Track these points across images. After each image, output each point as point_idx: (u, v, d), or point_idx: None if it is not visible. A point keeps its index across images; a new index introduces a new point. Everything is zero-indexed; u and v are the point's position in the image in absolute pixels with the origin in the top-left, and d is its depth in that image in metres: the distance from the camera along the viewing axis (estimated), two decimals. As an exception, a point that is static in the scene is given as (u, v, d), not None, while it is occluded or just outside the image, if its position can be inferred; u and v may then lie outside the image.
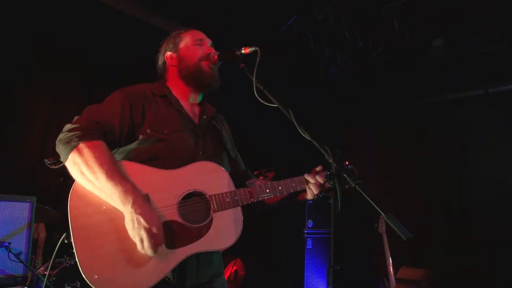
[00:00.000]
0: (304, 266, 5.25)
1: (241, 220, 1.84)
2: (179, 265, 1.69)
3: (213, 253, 1.86)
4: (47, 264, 3.55)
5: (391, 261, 4.59)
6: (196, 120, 2.00)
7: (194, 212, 1.75)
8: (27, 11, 4.21)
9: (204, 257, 1.80)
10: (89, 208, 1.65)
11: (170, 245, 1.67)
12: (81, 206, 1.64)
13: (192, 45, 2.04)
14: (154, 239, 1.59)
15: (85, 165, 1.63)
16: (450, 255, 5.41)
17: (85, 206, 1.65)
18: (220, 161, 1.98)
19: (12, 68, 4.17)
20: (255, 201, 1.88)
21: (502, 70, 5.35)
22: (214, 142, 2.02)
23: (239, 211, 1.85)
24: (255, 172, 2.23)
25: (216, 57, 1.99)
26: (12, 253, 2.83)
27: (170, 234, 1.68)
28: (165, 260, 1.66)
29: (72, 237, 1.60)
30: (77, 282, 3.37)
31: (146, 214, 1.60)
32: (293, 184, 1.93)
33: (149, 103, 1.88)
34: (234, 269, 5.35)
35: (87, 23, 4.53)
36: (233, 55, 1.90)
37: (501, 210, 5.29)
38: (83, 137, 1.67)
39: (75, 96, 4.66)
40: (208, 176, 1.82)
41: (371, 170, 6.37)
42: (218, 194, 1.80)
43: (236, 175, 1.97)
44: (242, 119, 4.29)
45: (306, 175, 1.94)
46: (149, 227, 1.58)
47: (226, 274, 5.19)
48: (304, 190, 1.95)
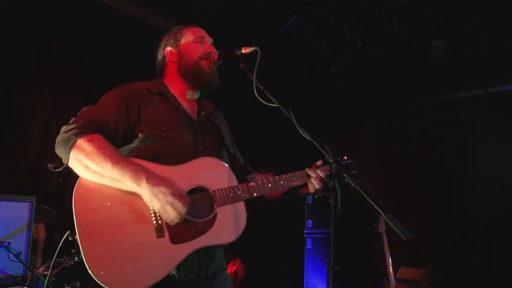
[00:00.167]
0: (304, 266, 5.25)
1: (244, 214, 1.86)
2: (182, 260, 1.69)
3: (216, 248, 1.87)
4: (47, 264, 3.55)
5: (391, 261, 4.59)
6: (195, 116, 2.00)
7: (198, 207, 1.75)
8: (27, 11, 4.22)
9: (207, 252, 1.80)
10: (95, 203, 1.64)
11: (175, 240, 1.68)
12: (86, 201, 1.64)
13: (193, 42, 2.03)
14: (182, 200, 1.62)
15: (88, 159, 1.62)
16: (450, 255, 5.42)
17: (90, 201, 1.64)
18: (220, 156, 1.98)
19: (12, 68, 4.17)
20: (258, 195, 1.89)
21: (502, 70, 5.35)
22: (212, 137, 2.02)
23: (242, 206, 1.86)
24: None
25: (216, 57, 1.98)
26: (12, 253, 2.83)
27: (175, 229, 1.68)
28: (171, 255, 1.66)
29: (78, 232, 1.59)
30: (76, 282, 3.37)
31: (163, 183, 1.63)
32: (295, 178, 1.96)
33: (145, 101, 1.87)
34: (233, 269, 5.35)
35: (87, 23, 4.53)
36: (233, 55, 1.90)
37: (501, 210, 5.29)
38: (80, 133, 1.67)
39: (75, 96, 4.66)
40: (210, 172, 1.84)
41: (371, 170, 6.38)
42: (221, 189, 1.81)
43: (236, 170, 1.97)
44: (242, 118, 4.29)
45: (307, 169, 1.97)
46: (173, 191, 1.62)
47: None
48: (306, 184, 1.97)
